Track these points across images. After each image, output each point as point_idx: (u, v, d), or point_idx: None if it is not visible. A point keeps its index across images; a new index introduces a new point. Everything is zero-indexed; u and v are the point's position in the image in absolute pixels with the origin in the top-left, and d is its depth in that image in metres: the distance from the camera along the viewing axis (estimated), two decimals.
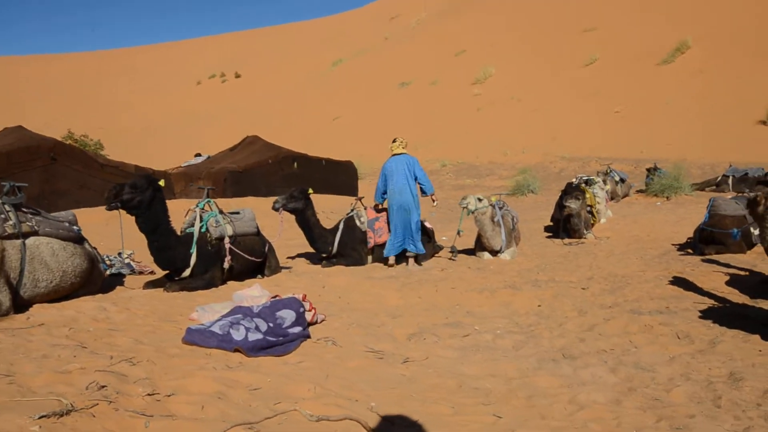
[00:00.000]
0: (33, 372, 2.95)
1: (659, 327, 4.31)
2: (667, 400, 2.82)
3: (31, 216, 5.01)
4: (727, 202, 8.09)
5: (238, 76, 70.56)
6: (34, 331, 4.00)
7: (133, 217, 5.61)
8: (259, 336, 3.58)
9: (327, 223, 9.21)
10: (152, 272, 6.69)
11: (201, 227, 5.99)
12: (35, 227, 4.95)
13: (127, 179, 13.53)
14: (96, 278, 5.49)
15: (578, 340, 4.04)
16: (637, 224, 11.49)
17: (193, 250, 5.82)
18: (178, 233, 6.00)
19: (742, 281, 6.09)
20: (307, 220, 7.40)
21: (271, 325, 3.86)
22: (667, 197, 14.83)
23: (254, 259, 6.46)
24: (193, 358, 3.32)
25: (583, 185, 10.44)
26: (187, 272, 5.79)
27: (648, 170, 16.13)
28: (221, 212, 6.29)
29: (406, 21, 74.72)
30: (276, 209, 7.32)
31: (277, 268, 6.85)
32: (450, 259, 7.97)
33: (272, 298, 4.43)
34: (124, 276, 6.44)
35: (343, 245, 7.56)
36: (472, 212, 7.87)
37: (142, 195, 5.48)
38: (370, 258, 7.74)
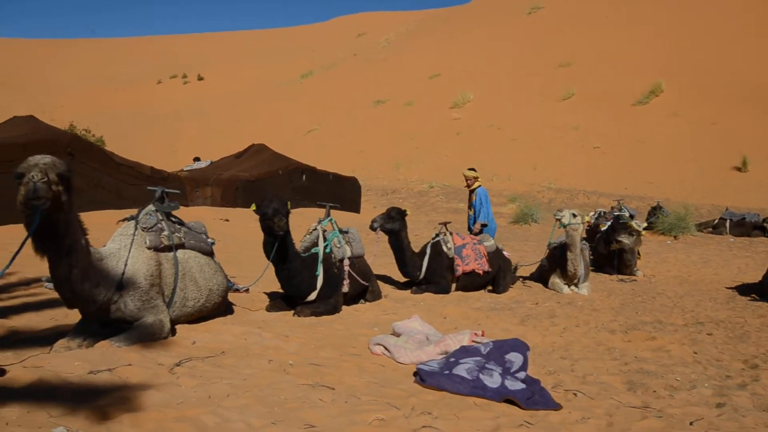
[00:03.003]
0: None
1: None
2: None
3: (179, 226, 4.53)
4: None
5: (200, 78, 68.82)
6: (233, 362, 3.55)
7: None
8: (521, 385, 3.27)
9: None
10: (246, 290, 6.19)
11: (326, 247, 5.59)
12: (183, 239, 4.47)
13: (141, 180, 12.90)
14: (226, 298, 5.01)
15: None
16: (666, 263, 11.67)
17: (320, 272, 5.41)
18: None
19: None
20: (401, 242, 7.08)
21: (501, 369, 3.54)
22: (675, 236, 15.19)
23: (364, 282, 6.09)
24: (486, 411, 2.97)
25: (630, 222, 10.47)
26: (312, 295, 5.37)
27: (653, 208, 16.49)
28: (341, 231, 5.90)
29: (373, 39, 75.09)
30: (374, 229, 6.98)
31: (379, 294, 6.48)
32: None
33: (473, 335, 4.10)
34: None
35: (431, 271, 7.26)
36: (565, 226, 7.77)
37: (286, 218, 5.07)
38: (453, 286, 7.47)
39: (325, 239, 5.63)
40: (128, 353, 3.57)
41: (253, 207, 5.24)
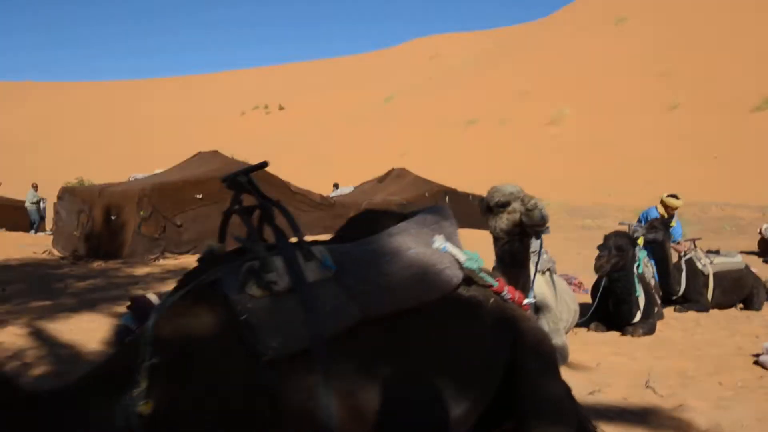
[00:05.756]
0: None
1: None
2: None
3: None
4: None
5: (281, 108, 71.11)
6: (694, 383, 3.52)
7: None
8: None
9: None
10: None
11: (637, 266, 5.52)
12: (550, 262, 4.49)
13: (313, 207, 13.28)
14: None
15: None
16: None
17: (640, 293, 5.34)
18: None
19: None
20: (664, 253, 6.88)
21: None
22: None
23: (659, 301, 5.98)
24: None
25: None
26: (638, 316, 5.29)
27: None
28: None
29: (446, 61, 75.60)
30: (636, 237, 6.89)
31: (661, 313, 6.33)
32: None
33: None
34: None
35: (689, 289, 7.05)
36: None
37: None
38: None
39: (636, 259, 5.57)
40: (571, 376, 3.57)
41: None
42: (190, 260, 9.64)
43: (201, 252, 1.87)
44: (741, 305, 7.55)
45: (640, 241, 5.29)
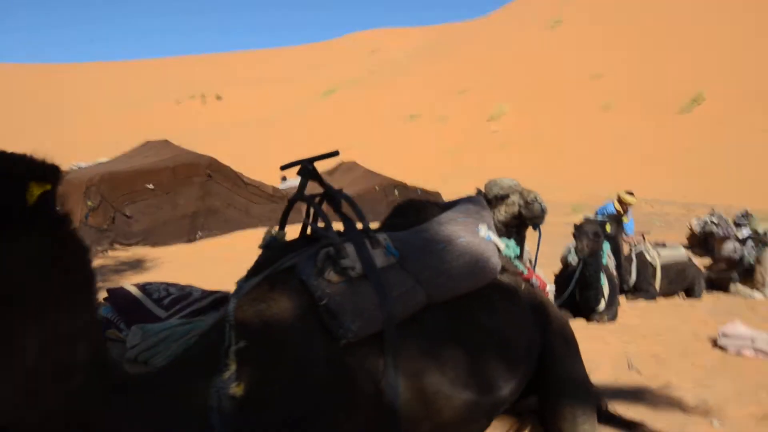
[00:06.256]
0: None
1: None
2: None
3: None
4: None
5: (219, 98, 69.35)
6: (669, 362, 3.77)
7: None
8: None
9: None
10: None
11: (601, 257, 5.81)
12: None
13: (265, 199, 13.10)
14: None
15: None
16: None
17: (604, 282, 5.63)
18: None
19: None
20: (617, 247, 7.25)
21: None
22: None
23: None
24: None
25: None
26: (602, 304, 5.58)
27: (741, 215, 16.68)
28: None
29: (386, 55, 75.89)
30: (604, 225, 7.22)
31: (618, 302, 6.67)
32: None
33: None
34: None
35: (640, 279, 7.47)
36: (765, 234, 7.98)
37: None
38: None
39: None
40: None
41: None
42: (142, 252, 9.39)
43: (264, 240, 1.89)
44: (683, 294, 8.07)
45: (608, 227, 5.56)
